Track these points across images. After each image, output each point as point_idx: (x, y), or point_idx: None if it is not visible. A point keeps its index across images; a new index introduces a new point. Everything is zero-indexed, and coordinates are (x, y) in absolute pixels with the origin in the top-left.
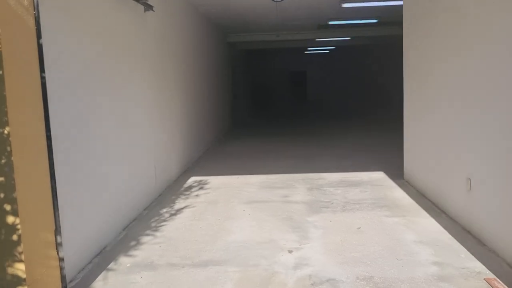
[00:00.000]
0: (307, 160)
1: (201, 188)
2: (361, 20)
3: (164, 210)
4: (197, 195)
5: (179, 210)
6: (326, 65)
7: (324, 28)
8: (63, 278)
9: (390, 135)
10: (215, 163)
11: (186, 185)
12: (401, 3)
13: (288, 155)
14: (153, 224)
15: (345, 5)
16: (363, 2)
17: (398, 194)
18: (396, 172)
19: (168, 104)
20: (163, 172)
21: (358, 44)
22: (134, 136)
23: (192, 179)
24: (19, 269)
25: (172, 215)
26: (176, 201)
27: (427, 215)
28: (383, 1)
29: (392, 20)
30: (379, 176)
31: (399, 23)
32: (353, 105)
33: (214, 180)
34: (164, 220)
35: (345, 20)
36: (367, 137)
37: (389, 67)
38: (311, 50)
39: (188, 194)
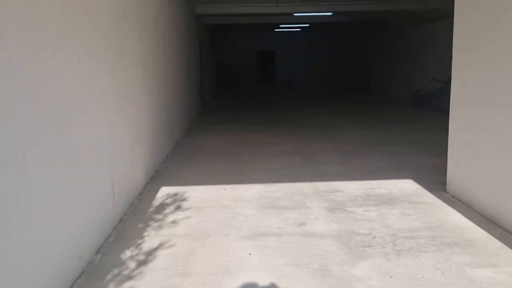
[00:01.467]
0: (306, 159)
1: (178, 207)
2: None
3: (128, 253)
4: (174, 222)
5: (150, 254)
6: (297, 45)
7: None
8: None
9: (389, 127)
10: (190, 164)
11: (156, 203)
12: None
13: (279, 151)
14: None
15: None
16: None
17: (456, 219)
18: (429, 179)
19: (131, 87)
20: (123, 185)
21: (337, 22)
22: (79, 136)
23: (164, 191)
24: None
25: (140, 264)
26: (145, 234)
27: None
28: None
29: None
30: (411, 186)
31: None
32: (329, 89)
33: (193, 193)
34: (129, 278)
35: None
36: (364, 128)
37: (371, 48)
38: (283, 27)
39: (161, 220)
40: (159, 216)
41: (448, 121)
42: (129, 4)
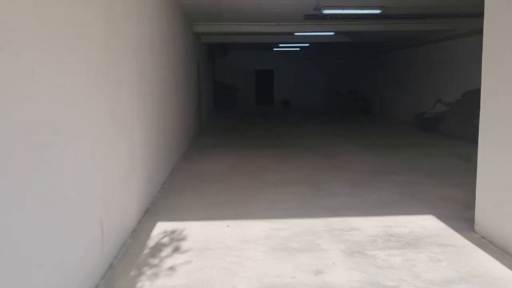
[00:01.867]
0: (314, 189)
1: (177, 249)
2: (361, 9)
3: None
4: (172, 268)
5: None
6: (296, 65)
7: (312, 18)
8: None
9: (396, 152)
10: (188, 194)
11: (151, 243)
12: None
13: (284, 180)
14: None
15: None
16: None
17: (493, 266)
18: (451, 215)
19: (125, 112)
20: (115, 223)
21: (338, 42)
22: (61, 171)
23: (160, 228)
24: None
25: None
26: (138, 285)
27: None
28: None
29: (396, 13)
30: (434, 224)
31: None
32: (328, 110)
33: (193, 231)
34: None
35: (341, 9)
36: (370, 153)
37: (371, 68)
38: (282, 47)
39: (157, 266)
40: (155, 261)
41: (458, 146)
42: (125, 24)
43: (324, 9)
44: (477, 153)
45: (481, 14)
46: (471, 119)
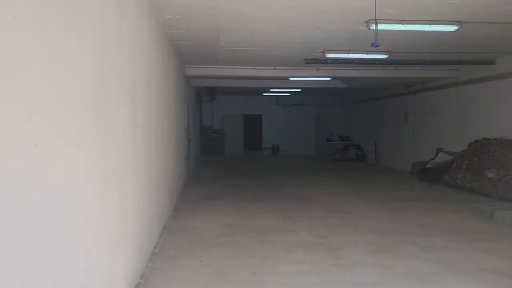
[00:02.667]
0: (333, 256)
1: None
2: (367, 54)
3: None
4: None
5: None
6: (285, 110)
7: (313, 63)
8: None
9: (407, 207)
10: (184, 263)
11: None
12: None
13: (295, 244)
14: None
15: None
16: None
17: None
18: None
19: (115, 167)
20: None
21: (331, 87)
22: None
23: None
24: None
25: None
26: None
27: None
28: None
29: (401, 58)
30: None
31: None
32: (319, 157)
33: None
34: None
35: (346, 53)
36: (379, 209)
37: (365, 114)
38: (273, 92)
39: None
40: None
41: (469, 199)
42: (120, 71)
43: (328, 53)
44: (499, 211)
45: (483, 62)
46: (481, 171)
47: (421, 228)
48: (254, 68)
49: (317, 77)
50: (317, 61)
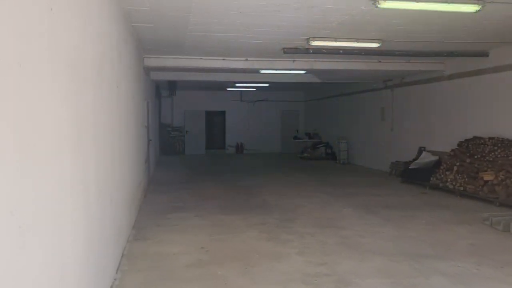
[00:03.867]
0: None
1: None
2: (357, 42)
3: None
4: None
5: None
6: (250, 106)
7: (292, 52)
8: None
9: (407, 217)
10: None
11: None
12: None
13: (291, 276)
14: None
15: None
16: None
17: None
18: None
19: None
20: None
21: (300, 82)
22: None
23: None
24: None
25: None
26: None
27: None
28: None
29: (391, 48)
30: None
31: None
32: (287, 157)
33: None
34: None
35: (334, 41)
36: (375, 221)
37: (336, 111)
38: (239, 86)
39: None
40: None
41: (469, 204)
42: (52, 47)
43: (313, 40)
44: None
45: (476, 54)
46: (476, 173)
47: (435, 248)
48: (224, 59)
49: (292, 70)
50: (298, 51)
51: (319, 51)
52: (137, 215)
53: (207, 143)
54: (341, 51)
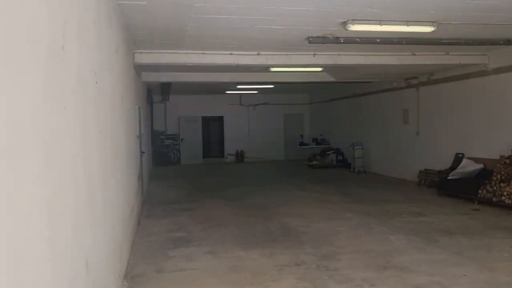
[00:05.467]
0: None
1: None
2: (406, 25)
3: None
4: None
5: None
6: (251, 110)
7: (320, 42)
8: None
9: (479, 250)
10: None
11: None
12: None
13: None
14: None
15: None
16: None
17: None
18: None
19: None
20: None
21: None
22: None
23: None
24: None
25: None
26: None
27: None
28: None
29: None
30: None
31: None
32: (294, 165)
33: None
34: None
35: (378, 23)
36: (443, 260)
37: (347, 114)
38: (240, 88)
39: None
40: None
41: None
42: None
43: (353, 24)
44: None
45: None
46: None
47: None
48: (231, 54)
49: (311, 66)
50: (326, 40)
51: (351, 40)
52: (131, 254)
53: (205, 151)
54: (378, 40)
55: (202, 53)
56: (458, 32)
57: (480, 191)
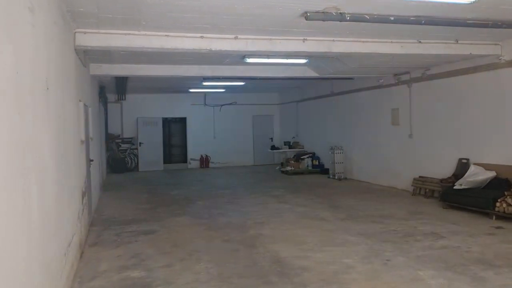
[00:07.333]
0: None
1: None
2: None
3: None
4: None
5: None
6: (216, 111)
7: (320, 19)
8: None
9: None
10: None
11: None
12: None
13: None
14: None
15: None
16: None
17: None
18: None
19: None
20: None
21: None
22: None
23: None
24: None
25: None
26: None
27: None
28: None
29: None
30: None
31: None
32: (265, 170)
33: None
34: None
35: None
36: None
37: (320, 116)
38: (206, 86)
39: None
40: None
41: None
42: None
43: None
44: None
45: None
46: None
47: None
48: (202, 37)
49: (296, 56)
50: (327, 16)
51: (359, 17)
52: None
53: (166, 156)
54: (392, 18)
55: (166, 35)
56: (498, 9)
57: (498, 204)
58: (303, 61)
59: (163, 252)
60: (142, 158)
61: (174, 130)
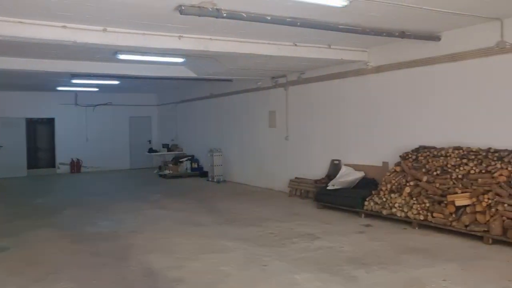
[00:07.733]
0: None
1: None
2: None
3: None
4: None
5: None
6: (89, 112)
7: (195, 14)
8: None
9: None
10: None
11: None
12: None
13: None
14: None
15: None
16: None
17: None
18: None
19: None
20: None
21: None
22: None
23: None
24: None
25: None
26: None
27: None
28: None
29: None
30: None
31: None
32: (144, 173)
33: None
34: None
35: None
36: None
37: (199, 118)
38: (77, 84)
39: None
40: None
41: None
42: None
43: None
44: None
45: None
46: (441, 196)
47: None
48: (64, 27)
49: (172, 55)
50: (203, 12)
51: (235, 14)
52: None
53: (30, 161)
54: (269, 18)
55: (20, 21)
56: (367, 16)
57: (366, 203)
58: (180, 60)
59: (14, 273)
60: (2, 163)
61: (41, 132)
